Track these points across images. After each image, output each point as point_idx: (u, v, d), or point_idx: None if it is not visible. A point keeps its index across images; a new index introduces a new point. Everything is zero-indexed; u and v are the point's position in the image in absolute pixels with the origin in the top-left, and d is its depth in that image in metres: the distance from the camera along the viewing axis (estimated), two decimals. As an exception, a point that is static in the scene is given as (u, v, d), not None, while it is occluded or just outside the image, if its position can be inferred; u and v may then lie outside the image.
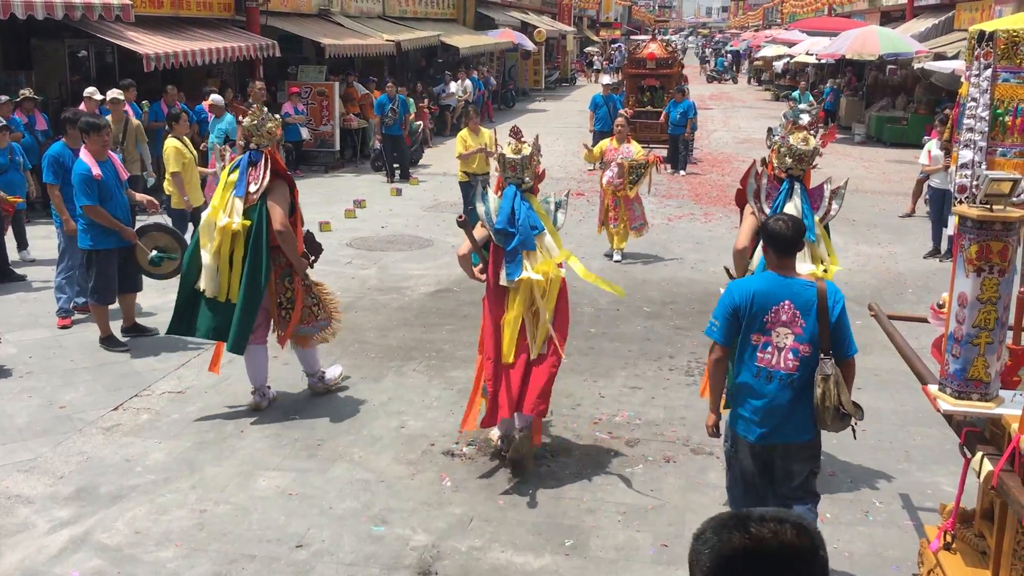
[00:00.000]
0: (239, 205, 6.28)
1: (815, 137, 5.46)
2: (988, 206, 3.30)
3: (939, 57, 21.28)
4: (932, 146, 11.81)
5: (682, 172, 17.76)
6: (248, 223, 6.28)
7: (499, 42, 31.21)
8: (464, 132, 12.10)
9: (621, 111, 18.58)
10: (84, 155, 7.55)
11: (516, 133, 5.87)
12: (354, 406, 6.63)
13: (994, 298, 3.24)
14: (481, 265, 5.79)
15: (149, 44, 13.54)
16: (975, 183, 4.54)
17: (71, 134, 8.21)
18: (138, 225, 8.21)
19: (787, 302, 4.18)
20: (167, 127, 10.30)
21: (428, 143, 21.99)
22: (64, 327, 8.15)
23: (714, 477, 5.63)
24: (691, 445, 6.07)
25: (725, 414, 4.59)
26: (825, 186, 5.47)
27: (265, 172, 6.29)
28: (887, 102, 24.83)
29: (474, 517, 5.14)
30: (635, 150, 10.76)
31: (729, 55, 58.10)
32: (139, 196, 8.17)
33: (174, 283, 7.01)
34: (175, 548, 4.78)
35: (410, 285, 9.83)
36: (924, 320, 4.80)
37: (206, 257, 6.31)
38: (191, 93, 14.91)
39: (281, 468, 5.68)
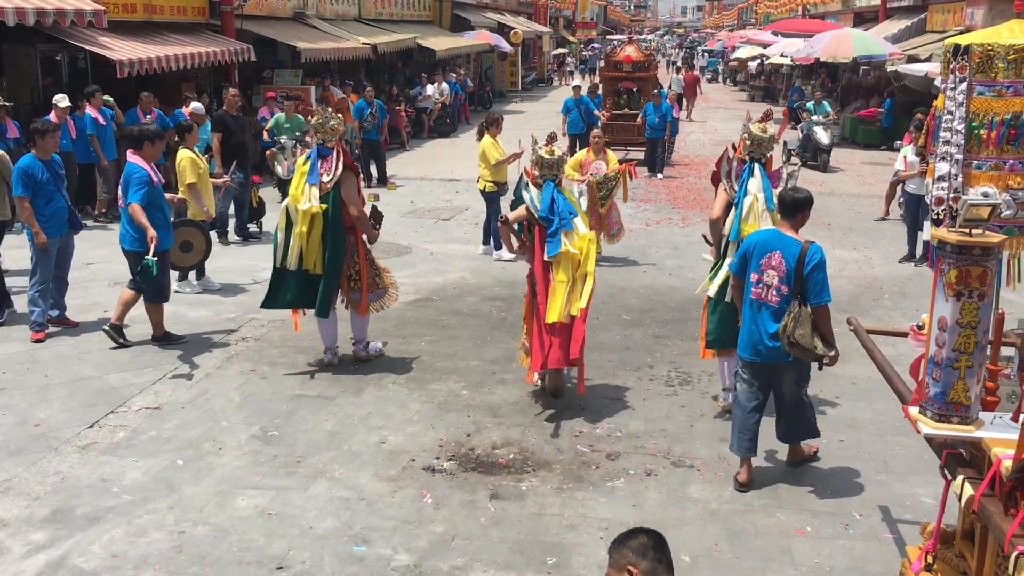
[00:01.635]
0: (315, 192, 7.27)
1: (772, 127, 6.67)
2: (967, 231, 3.31)
3: (912, 59, 21.48)
4: (908, 152, 11.91)
5: (660, 176, 17.81)
6: (325, 207, 7.27)
7: (475, 44, 31.17)
8: (492, 141, 11.35)
9: (597, 112, 18.68)
10: (138, 160, 7.92)
11: (552, 139, 7.60)
12: (334, 421, 6.58)
13: (974, 322, 3.26)
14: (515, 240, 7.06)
15: (122, 50, 13.40)
16: (952, 195, 4.60)
17: (40, 145, 8.13)
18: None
19: (778, 252, 5.45)
20: (177, 138, 10.22)
21: (406, 146, 21.95)
22: (38, 340, 8.04)
23: (695, 491, 5.64)
24: (672, 458, 6.07)
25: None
26: (783, 169, 6.75)
27: (337, 164, 7.33)
28: (861, 104, 25.03)
29: (456, 535, 5.11)
30: (608, 163, 10.81)
31: (704, 54, 58.38)
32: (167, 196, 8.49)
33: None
34: (153, 572, 4.73)
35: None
36: (903, 334, 4.83)
37: (291, 238, 7.34)
38: (165, 99, 14.77)
39: (260, 487, 5.63)
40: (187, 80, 16.60)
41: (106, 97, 13.14)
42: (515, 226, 7.00)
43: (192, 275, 9.70)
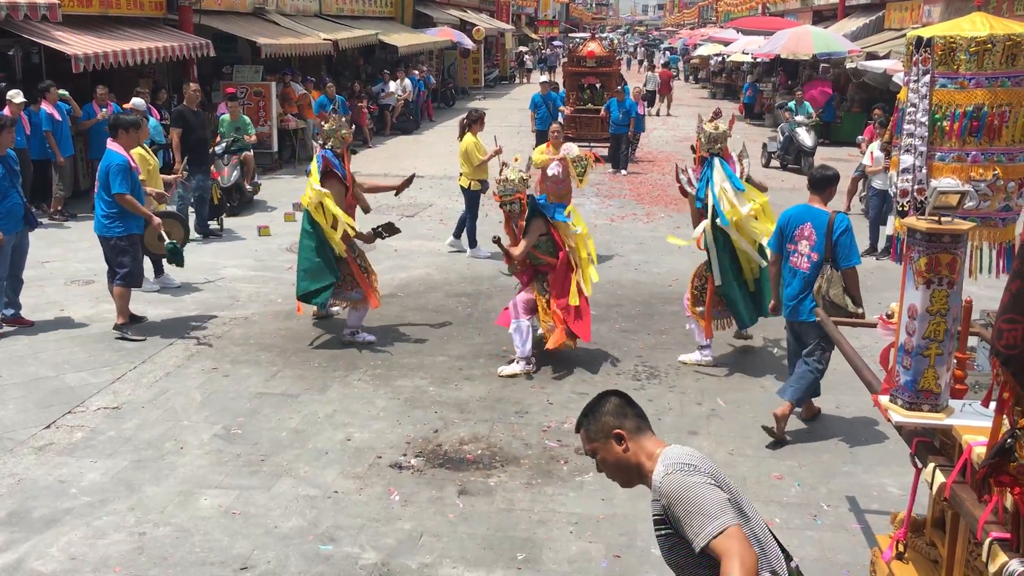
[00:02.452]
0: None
1: (722, 124, 7.66)
2: (936, 218, 3.31)
3: (871, 56, 21.71)
4: (874, 147, 12.02)
5: (623, 172, 17.82)
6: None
7: (438, 40, 31.03)
8: (475, 139, 11.15)
9: (560, 108, 18.65)
10: (117, 148, 8.09)
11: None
12: (298, 419, 6.48)
13: (943, 310, 3.25)
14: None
15: (77, 44, 13.11)
16: (916, 187, 4.62)
17: None
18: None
19: (808, 223, 6.23)
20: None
21: (368, 143, 21.78)
22: (-9, 340, 7.85)
23: (664, 484, 5.61)
24: (640, 451, 6.04)
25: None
26: (733, 155, 7.69)
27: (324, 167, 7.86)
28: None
29: (424, 532, 5.05)
30: (573, 150, 10.77)
31: (666, 52, 58.68)
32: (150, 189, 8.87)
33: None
34: (113, 574, 4.61)
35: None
36: (870, 325, 4.84)
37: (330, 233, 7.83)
38: (122, 94, 14.49)
39: (223, 486, 5.52)
40: (144, 76, 16.33)
41: (62, 92, 12.86)
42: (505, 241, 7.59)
43: (151, 273, 9.52)
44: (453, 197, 15.28)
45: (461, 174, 11.36)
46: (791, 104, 19.19)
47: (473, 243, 11.29)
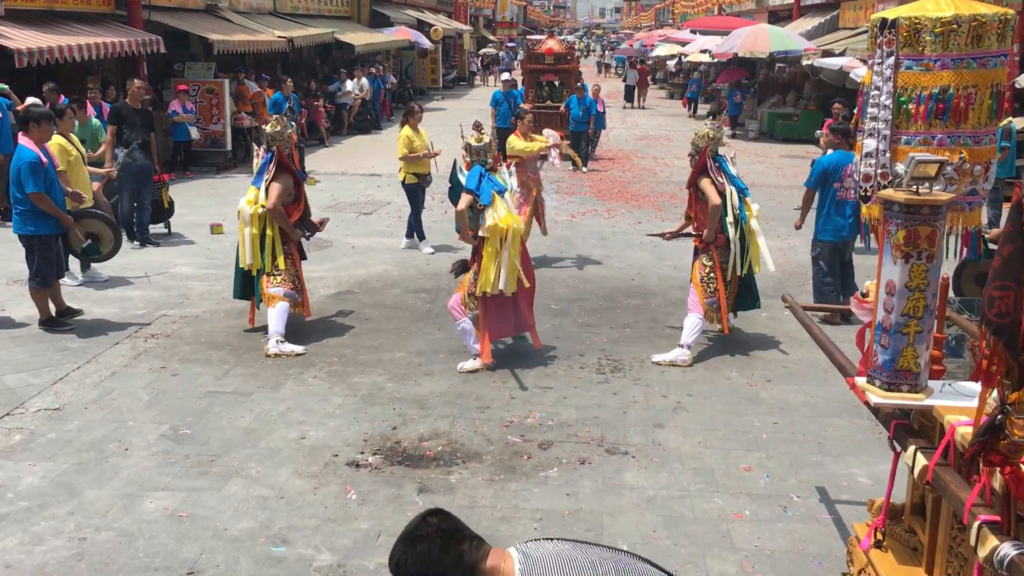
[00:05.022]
0: (261, 195, 7.54)
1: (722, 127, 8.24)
2: (914, 189, 3.18)
3: (827, 54, 21.83)
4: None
5: (584, 169, 17.70)
6: (262, 204, 7.54)
7: (395, 40, 30.73)
8: (408, 131, 11.01)
9: (521, 105, 18.46)
10: (27, 143, 7.74)
11: (478, 127, 7.95)
12: (250, 418, 6.22)
13: (923, 285, 3.12)
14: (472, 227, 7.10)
15: (20, 39, 12.69)
16: (880, 172, 4.50)
17: None
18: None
19: (850, 164, 7.65)
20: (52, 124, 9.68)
21: (325, 142, 21.46)
22: (-74, 342, 7.48)
23: (630, 478, 5.46)
24: (605, 445, 5.88)
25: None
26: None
27: (271, 166, 7.58)
28: (778, 99, 25.40)
29: (382, 532, 4.83)
30: (554, 136, 10.65)
31: (607, 52, 59.05)
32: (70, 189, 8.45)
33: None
34: (50, 583, 4.34)
35: (309, 288, 9.37)
36: (840, 309, 4.73)
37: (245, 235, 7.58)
38: (70, 92, 14.04)
39: (170, 488, 5.25)
40: (92, 74, 15.87)
41: (1, 87, 12.42)
42: (469, 213, 7.08)
43: (76, 267, 9.20)
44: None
45: (400, 168, 11.21)
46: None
47: (421, 236, 11.16)
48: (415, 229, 11.17)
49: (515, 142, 10.11)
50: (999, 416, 2.44)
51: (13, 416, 6.19)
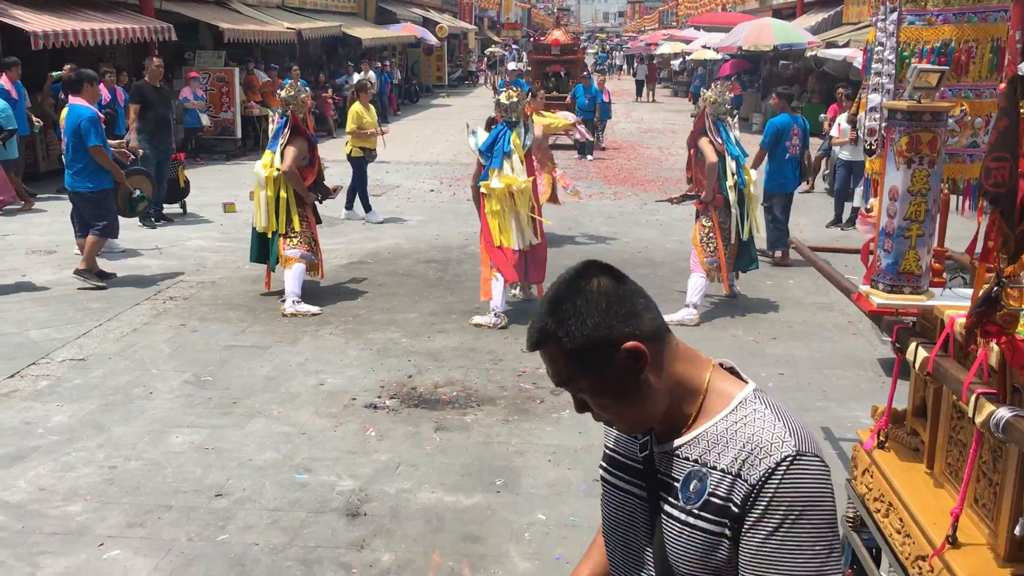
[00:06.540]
0: (276, 158, 7.70)
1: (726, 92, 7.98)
2: (917, 99, 3.34)
3: (831, 46, 21.99)
4: (842, 119, 12.17)
5: (589, 157, 17.88)
6: (277, 168, 7.69)
7: (401, 35, 30.95)
8: (359, 107, 11.78)
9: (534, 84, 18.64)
10: (81, 102, 8.13)
11: (490, 124, 8.32)
12: (269, 367, 6.39)
13: (924, 189, 3.28)
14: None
15: (36, 23, 12.90)
16: (884, 126, 4.66)
17: None
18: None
19: (796, 124, 9.75)
20: None
21: (332, 134, 21.63)
22: (-49, 302, 7.66)
23: (641, 419, 5.61)
24: (616, 392, 6.03)
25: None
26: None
27: (286, 130, 7.75)
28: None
29: (401, 463, 4.99)
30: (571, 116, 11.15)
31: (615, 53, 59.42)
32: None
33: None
34: (84, 502, 4.50)
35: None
36: (847, 251, 4.90)
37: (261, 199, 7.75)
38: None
39: (195, 425, 5.42)
40: (104, 59, 16.07)
41: (58, 73, 12.58)
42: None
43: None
44: (419, 179, 15.29)
45: (347, 142, 11.92)
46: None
47: (367, 208, 11.74)
48: (362, 201, 11.76)
49: (539, 118, 10.31)
50: (995, 288, 2.60)
51: (39, 365, 6.37)
